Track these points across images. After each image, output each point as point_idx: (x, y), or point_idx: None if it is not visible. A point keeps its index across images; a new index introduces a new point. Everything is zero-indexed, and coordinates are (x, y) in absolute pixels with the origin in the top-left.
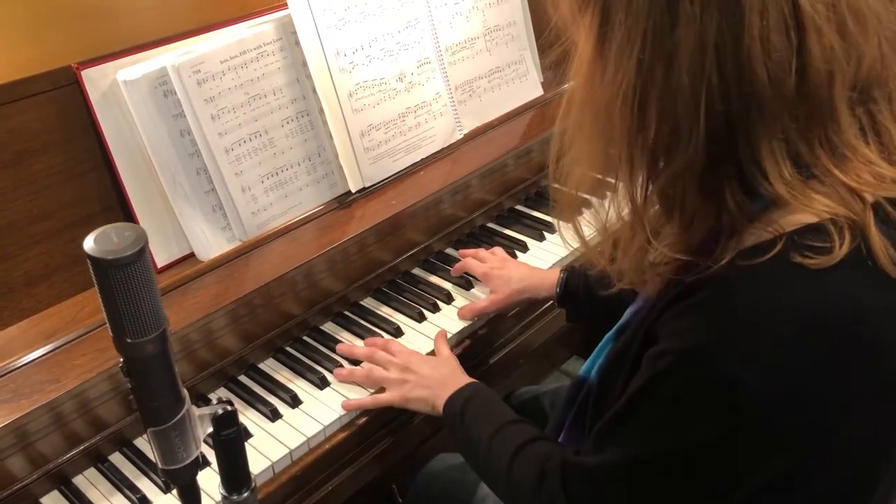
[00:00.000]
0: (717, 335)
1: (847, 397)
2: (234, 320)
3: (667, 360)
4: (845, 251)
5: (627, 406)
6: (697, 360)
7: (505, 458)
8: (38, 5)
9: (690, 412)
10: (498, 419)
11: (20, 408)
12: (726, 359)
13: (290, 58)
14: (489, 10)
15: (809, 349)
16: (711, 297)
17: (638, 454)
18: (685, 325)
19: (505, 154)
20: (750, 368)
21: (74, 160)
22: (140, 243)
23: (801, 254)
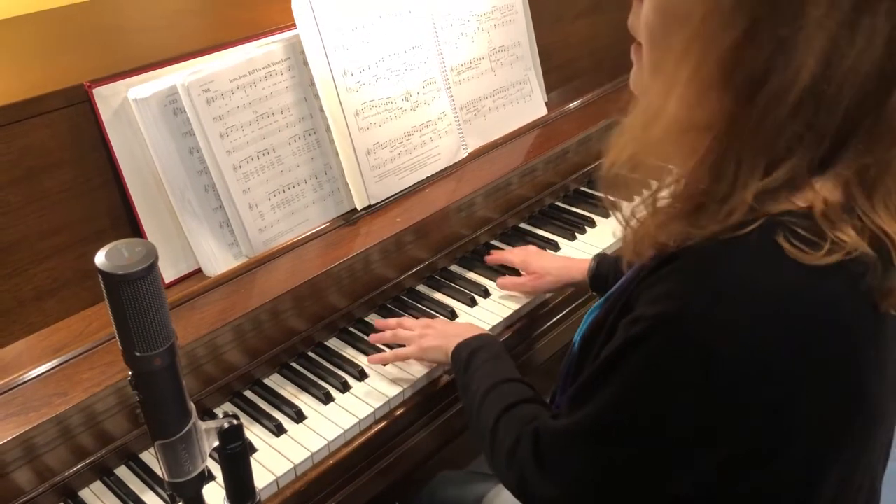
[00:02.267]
0: (692, 303)
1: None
2: (240, 336)
3: (641, 326)
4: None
5: (600, 369)
6: (672, 327)
7: (492, 416)
8: (53, 25)
9: (661, 378)
10: (497, 375)
11: (28, 421)
12: (700, 327)
13: (297, 77)
14: (494, 31)
15: (782, 328)
16: (689, 265)
17: (607, 417)
18: (661, 292)
19: (509, 172)
20: (722, 339)
21: (85, 177)
22: (150, 259)
23: (786, 237)
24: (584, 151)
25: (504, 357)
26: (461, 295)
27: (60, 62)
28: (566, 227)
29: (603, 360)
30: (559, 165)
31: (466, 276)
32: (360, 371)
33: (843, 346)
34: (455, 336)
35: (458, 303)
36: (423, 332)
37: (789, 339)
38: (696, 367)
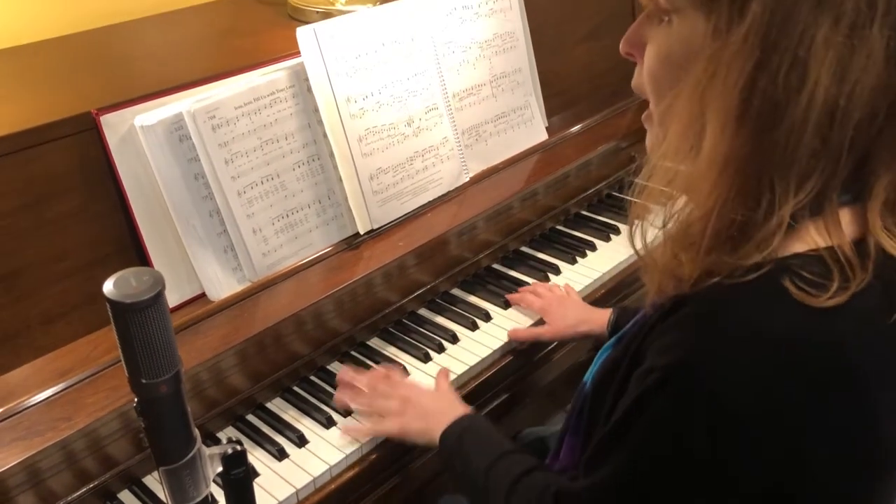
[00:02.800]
0: (700, 352)
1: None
2: (243, 360)
3: (653, 378)
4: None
5: (617, 426)
6: (682, 377)
7: (503, 490)
8: (61, 53)
9: (677, 429)
10: (495, 450)
11: (32, 445)
12: (709, 376)
13: (302, 104)
14: (496, 57)
15: (790, 374)
16: (695, 312)
17: (628, 474)
18: (670, 342)
19: (510, 197)
20: (731, 386)
21: (92, 202)
22: (157, 287)
23: (791, 280)
24: (584, 176)
25: (493, 430)
26: (463, 319)
27: (69, 90)
28: (567, 250)
29: (619, 418)
30: (560, 189)
31: (468, 300)
32: None
33: (853, 390)
34: (437, 417)
35: (459, 326)
36: (402, 409)
37: (798, 384)
38: (708, 416)
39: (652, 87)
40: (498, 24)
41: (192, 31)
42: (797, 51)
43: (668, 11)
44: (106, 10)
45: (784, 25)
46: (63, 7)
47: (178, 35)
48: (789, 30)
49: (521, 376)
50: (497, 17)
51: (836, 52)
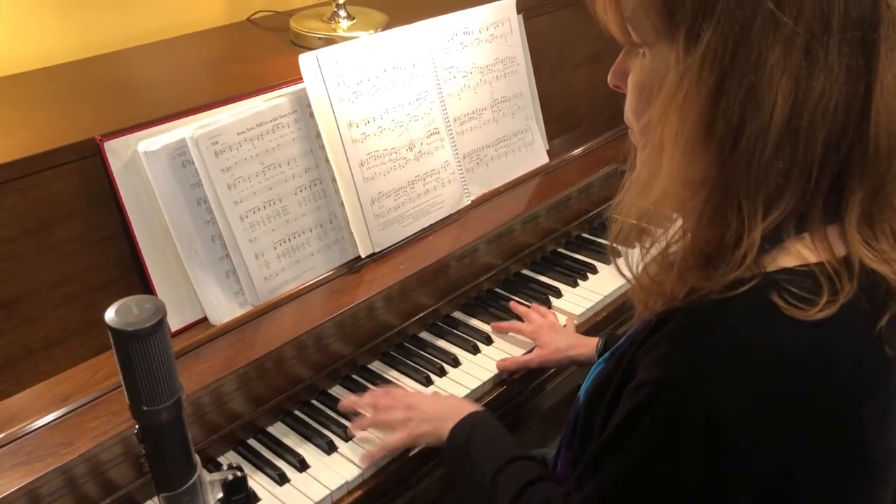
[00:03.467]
0: (689, 366)
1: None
2: (244, 384)
3: (643, 393)
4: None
5: (608, 441)
6: (671, 392)
7: (506, 498)
8: (65, 79)
9: (667, 444)
10: (501, 455)
11: (33, 471)
12: (698, 389)
13: (304, 129)
14: (496, 82)
15: (778, 387)
16: (684, 325)
17: (618, 488)
18: (659, 356)
19: (511, 220)
20: (720, 398)
21: (95, 227)
22: (159, 315)
23: (780, 294)
24: (585, 198)
25: (502, 434)
26: (464, 342)
27: (72, 116)
28: (568, 273)
29: (610, 433)
30: (561, 212)
31: (469, 323)
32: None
33: (841, 403)
34: (444, 417)
35: (461, 350)
36: (407, 416)
37: (786, 397)
38: (698, 430)
39: (632, 116)
40: (499, 49)
41: (195, 58)
42: (751, 76)
43: (640, 45)
44: (109, 37)
45: (736, 51)
46: (67, 34)
47: (182, 61)
48: (742, 55)
49: (522, 400)
50: (498, 42)
51: (791, 74)
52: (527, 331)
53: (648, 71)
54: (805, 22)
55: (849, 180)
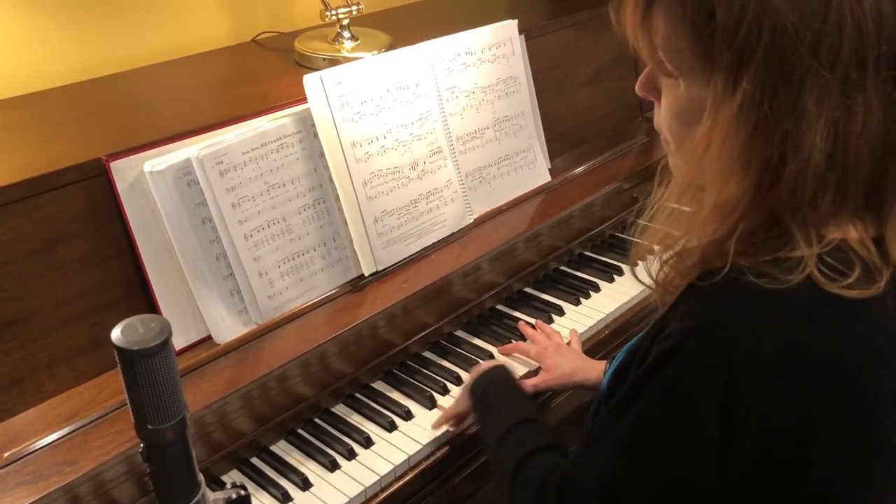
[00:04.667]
0: (717, 317)
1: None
2: (248, 403)
3: (671, 341)
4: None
5: (630, 389)
6: (698, 339)
7: (512, 461)
8: (71, 100)
9: (690, 385)
10: (513, 414)
11: (38, 489)
12: (725, 339)
13: (308, 149)
14: (498, 101)
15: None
16: (716, 284)
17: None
18: (691, 307)
19: (514, 238)
20: (745, 351)
21: (100, 247)
22: (164, 335)
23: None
24: (587, 216)
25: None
26: (467, 361)
27: (79, 136)
28: (571, 291)
29: (632, 380)
30: (563, 231)
31: (472, 342)
32: (365, 438)
33: (864, 368)
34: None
35: (463, 371)
36: None
37: (810, 354)
38: (721, 373)
39: (669, 135)
40: (501, 69)
41: (200, 78)
42: (789, 121)
43: (674, 75)
44: (115, 58)
45: (774, 99)
46: (72, 55)
47: (187, 82)
48: (779, 103)
49: None
50: (500, 62)
51: (829, 116)
52: (532, 353)
53: (685, 101)
54: (842, 67)
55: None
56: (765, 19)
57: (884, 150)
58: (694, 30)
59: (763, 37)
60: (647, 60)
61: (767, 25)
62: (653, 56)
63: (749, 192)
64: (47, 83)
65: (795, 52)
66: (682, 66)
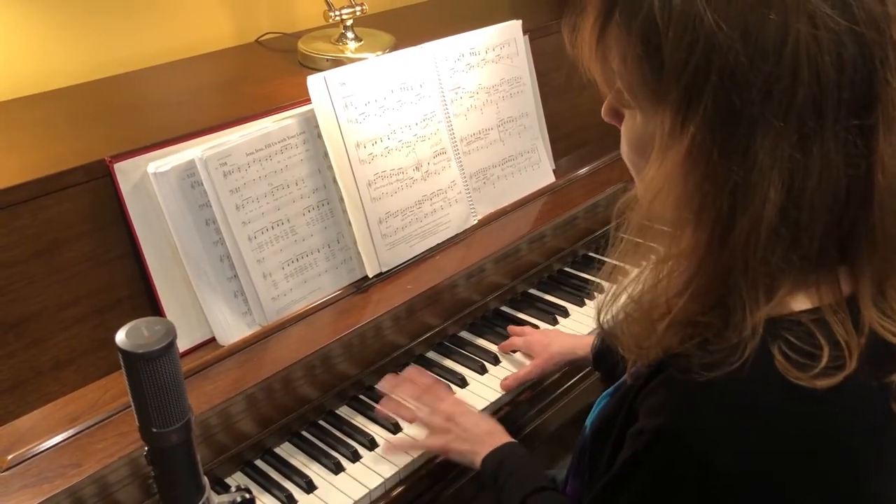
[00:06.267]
0: (684, 417)
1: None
2: (252, 404)
3: (643, 440)
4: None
5: (611, 484)
6: (669, 441)
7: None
8: (76, 101)
9: (665, 493)
10: (525, 486)
11: (42, 492)
12: (696, 440)
13: (312, 150)
14: (502, 102)
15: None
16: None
17: None
18: (658, 403)
19: (518, 239)
20: (717, 451)
21: (104, 248)
22: (169, 338)
23: (780, 348)
24: (592, 218)
25: (529, 463)
26: (471, 362)
27: (82, 138)
28: (575, 292)
29: (614, 475)
30: (568, 232)
31: (476, 343)
32: (370, 440)
33: (844, 469)
34: (479, 442)
35: (468, 370)
36: (446, 427)
37: (786, 456)
38: (695, 480)
39: (630, 165)
40: (505, 69)
41: (203, 79)
42: (740, 171)
43: (631, 106)
44: (118, 59)
45: (724, 147)
46: (76, 56)
47: (191, 83)
48: (729, 151)
49: (529, 420)
50: (504, 62)
51: (783, 167)
52: (519, 344)
53: (641, 131)
54: (796, 114)
55: (857, 257)
56: (713, 58)
57: (846, 202)
58: (641, 61)
59: (711, 77)
60: (604, 90)
61: (716, 64)
62: (610, 84)
63: (702, 244)
64: (51, 84)
65: (745, 96)
66: (636, 97)
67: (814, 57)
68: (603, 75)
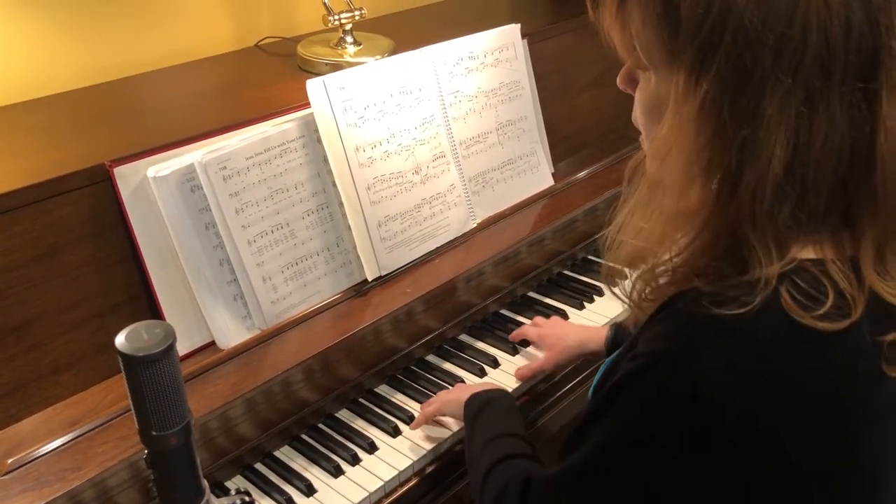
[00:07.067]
0: (684, 343)
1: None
2: (251, 408)
3: (638, 362)
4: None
5: (597, 407)
6: (664, 365)
7: (487, 463)
8: (76, 106)
9: (654, 412)
10: (501, 428)
11: (42, 496)
12: (689, 366)
13: (311, 154)
14: (501, 106)
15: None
16: (686, 306)
17: (599, 456)
18: (658, 331)
19: (517, 242)
20: (711, 380)
21: (104, 252)
22: (169, 341)
23: (787, 289)
24: (591, 221)
25: (513, 412)
26: (471, 365)
27: (82, 142)
28: (575, 295)
29: (600, 398)
30: (567, 235)
31: (476, 346)
32: (369, 443)
33: (833, 407)
34: (469, 389)
35: (467, 373)
36: (437, 397)
37: (777, 389)
38: (686, 403)
39: (641, 130)
40: (504, 73)
41: (203, 83)
42: (748, 126)
43: (646, 68)
44: (118, 63)
45: (734, 103)
46: (76, 60)
47: (190, 87)
48: (739, 107)
49: (530, 422)
50: (503, 66)
51: (789, 125)
52: (533, 335)
53: (654, 95)
54: (805, 74)
55: (858, 220)
56: (729, 19)
57: (850, 164)
58: (659, 22)
59: (725, 37)
60: (623, 54)
61: (731, 25)
62: (629, 48)
63: (710, 199)
64: (51, 88)
65: (757, 55)
66: (652, 59)
67: (823, 20)
68: (622, 39)
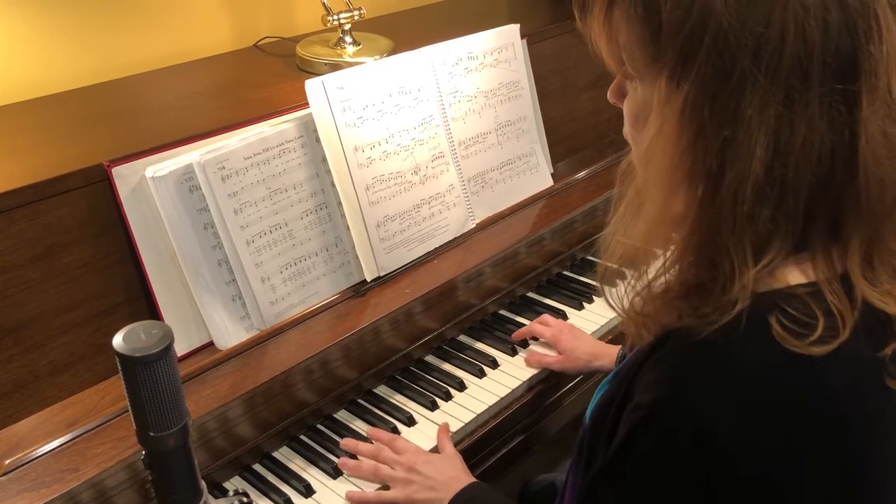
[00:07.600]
0: (682, 389)
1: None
2: (250, 409)
3: (640, 414)
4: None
5: (608, 464)
6: (666, 414)
7: None
8: (74, 106)
9: (664, 464)
10: None
11: (40, 497)
12: (693, 412)
13: (310, 154)
14: (501, 106)
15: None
16: (678, 348)
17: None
18: (655, 378)
19: (517, 243)
20: (715, 421)
21: (102, 253)
22: (166, 341)
23: (777, 318)
24: (590, 221)
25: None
26: (470, 366)
27: (81, 142)
28: (574, 296)
29: (609, 456)
30: (566, 235)
31: (475, 347)
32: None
33: (840, 438)
34: (444, 488)
35: (466, 374)
36: (408, 478)
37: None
38: (694, 450)
39: (630, 141)
40: (503, 73)
41: (202, 84)
42: (728, 128)
43: (632, 77)
44: (117, 63)
45: (714, 105)
46: (74, 60)
47: (189, 87)
48: (720, 108)
49: (529, 423)
50: (502, 66)
51: (769, 126)
52: (547, 334)
53: (640, 102)
54: (783, 75)
55: (844, 226)
56: (709, 21)
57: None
58: (642, 25)
59: (705, 38)
60: (610, 64)
61: (711, 26)
62: (616, 58)
63: (695, 205)
64: (50, 88)
65: (736, 55)
66: (636, 65)
67: (801, 21)
68: (609, 49)
